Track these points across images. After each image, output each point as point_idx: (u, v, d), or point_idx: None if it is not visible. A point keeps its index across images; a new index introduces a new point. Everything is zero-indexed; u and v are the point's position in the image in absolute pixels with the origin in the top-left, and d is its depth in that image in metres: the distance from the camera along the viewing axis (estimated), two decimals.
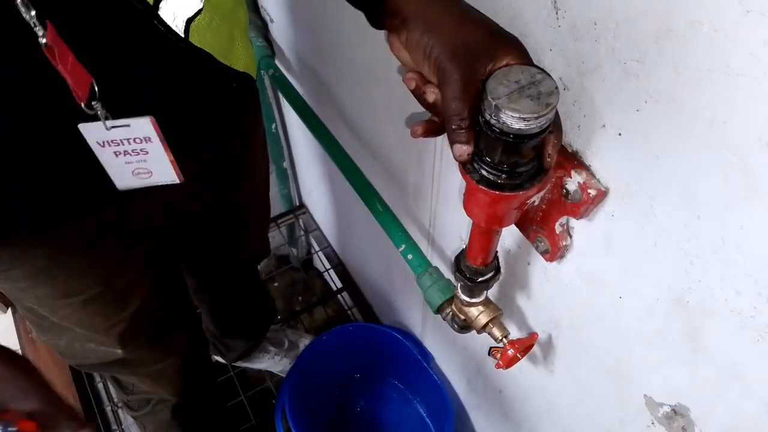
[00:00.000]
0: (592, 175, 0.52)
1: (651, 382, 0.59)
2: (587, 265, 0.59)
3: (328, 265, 1.82)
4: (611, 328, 0.60)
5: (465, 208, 0.56)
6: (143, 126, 0.57)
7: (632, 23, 0.42)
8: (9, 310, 1.71)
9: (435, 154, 0.81)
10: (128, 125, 0.56)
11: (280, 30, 1.27)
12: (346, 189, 1.34)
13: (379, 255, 1.36)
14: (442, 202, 0.85)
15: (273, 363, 1.59)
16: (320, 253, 1.84)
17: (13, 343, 1.67)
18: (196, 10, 0.60)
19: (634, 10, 0.41)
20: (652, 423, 0.61)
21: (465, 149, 0.47)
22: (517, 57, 0.47)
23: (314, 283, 1.95)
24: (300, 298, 1.93)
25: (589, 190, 0.51)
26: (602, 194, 0.51)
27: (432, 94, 0.50)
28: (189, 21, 0.59)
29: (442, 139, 0.77)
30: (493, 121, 0.46)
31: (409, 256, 0.88)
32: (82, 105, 0.52)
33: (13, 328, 1.70)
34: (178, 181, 0.63)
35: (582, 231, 0.57)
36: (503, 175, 0.49)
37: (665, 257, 0.49)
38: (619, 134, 0.47)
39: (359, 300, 1.69)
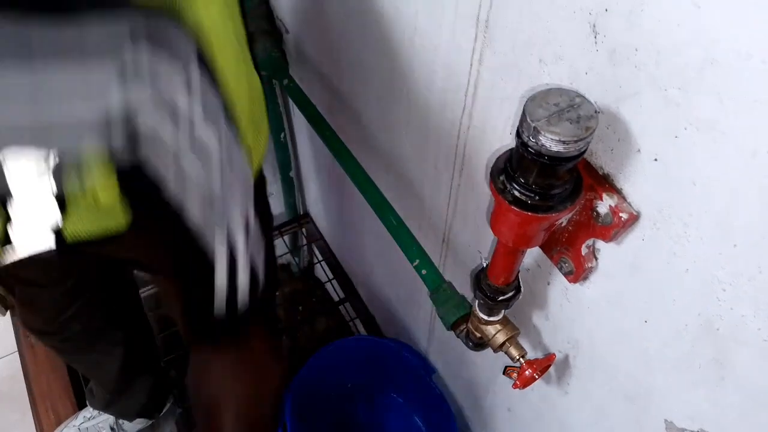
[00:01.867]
0: (624, 198, 0.52)
1: (673, 407, 0.58)
2: (612, 287, 0.59)
3: (330, 276, 1.81)
4: (634, 351, 0.60)
5: (492, 227, 0.56)
6: None
7: (676, 51, 0.42)
8: (8, 313, 1.69)
9: (454, 170, 0.81)
10: None
11: (295, 41, 1.27)
12: (353, 200, 1.34)
13: (385, 267, 1.36)
14: (459, 218, 0.85)
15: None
16: (323, 263, 1.83)
17: (10, 346, 1.66)
18: None
19: (678, 38, 0.41)
20: None
21: None
22: None
23: (315, 294, 1.94)
24: (301, 308, 1.92)
25: (620, 214, 0.52)
26: (634, 218, 0.52)
27: None
28: None
29: (462, 155, 0.77)
30: (531, 143, 0.46)
31: (423, 272, 0.88)
32: None
33: (12, 330, 1.68)
34: None
35: (609, 253, 0.57)
36: (536, 197, 0.50)
37: (697, 283, 0.49)
38: (655, 159, 0.48)
39: (362, 312, 1.68)
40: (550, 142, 0.45)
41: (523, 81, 0.59)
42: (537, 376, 0.70)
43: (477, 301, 0.70)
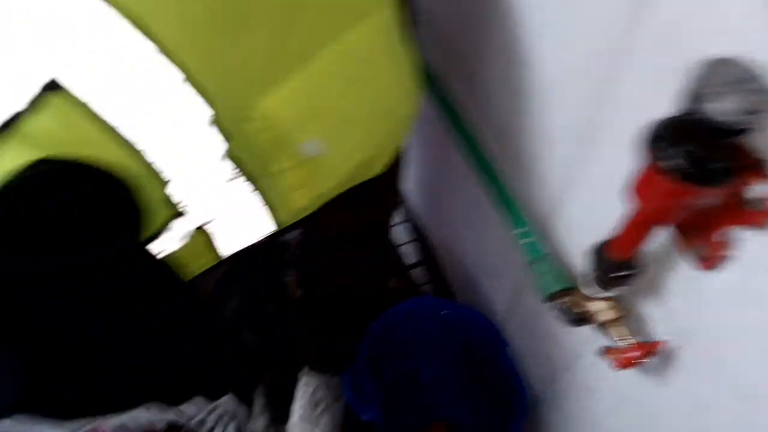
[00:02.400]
0: None
1: None
2: (747, 280, 0.56)
3: (408, 238, 1.81)
4: (760, 351, 0.57)
5: (635, 194, 0.54)
6: None
7: None
8: None
9: (580, 142, 0.77)
10: None
11: None
12: (449, 163, 1.32)
13: (474, 236, 1.34)
14: (574, 192, 0.82)
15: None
16: (402, 226, 1.83)
17: None
18: None
19: None
20: None
21: None
22: None
23: (390, 255, 1.95)
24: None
25: None
26: None
27: None
28: None
29: (595, 125, 0.74)
30: (699, 110, 0.44)
31: (527, 240, 0.86)
32: None
33: None
34: None
35: (752, 243, 0.54)
36: (693, 168, 0.47)
37: None
38: None
39: (436, 277, 1.68)
40: (721, 111, 0.43)
41: (687, 50, 0.55)
42: (640, 361, 0.68)
43: (590, 275, 0.68)
